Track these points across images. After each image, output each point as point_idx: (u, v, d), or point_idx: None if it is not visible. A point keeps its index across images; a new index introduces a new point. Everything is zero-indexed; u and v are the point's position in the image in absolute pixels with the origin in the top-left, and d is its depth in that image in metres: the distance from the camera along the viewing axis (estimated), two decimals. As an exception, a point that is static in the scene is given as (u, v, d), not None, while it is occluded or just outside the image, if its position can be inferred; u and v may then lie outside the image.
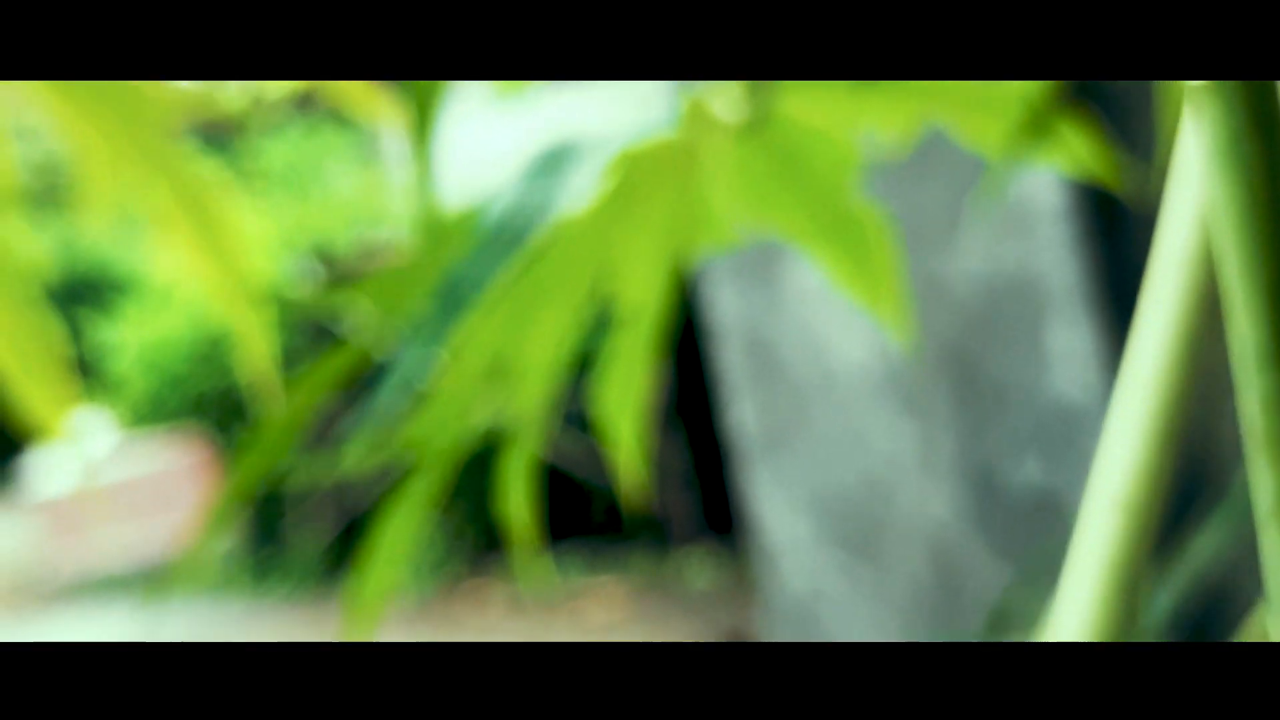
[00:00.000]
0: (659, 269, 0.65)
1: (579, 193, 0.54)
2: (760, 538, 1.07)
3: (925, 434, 0.97)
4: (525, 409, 0.68)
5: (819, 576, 1.03)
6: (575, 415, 3.01)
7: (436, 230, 0.60)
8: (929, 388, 0.98)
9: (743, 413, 1.06)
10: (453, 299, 0.65)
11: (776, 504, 1.03)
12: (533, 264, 0.60)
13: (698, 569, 3.06)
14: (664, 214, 0.59)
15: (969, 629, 1.01)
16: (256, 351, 0.63)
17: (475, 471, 3.19)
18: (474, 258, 0.57)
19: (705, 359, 1.27)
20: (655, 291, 0.65)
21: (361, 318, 0.72)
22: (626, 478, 0.84)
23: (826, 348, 0.99)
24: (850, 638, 1.03)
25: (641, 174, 0.55)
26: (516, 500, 0.77)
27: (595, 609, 2.86)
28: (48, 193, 4.68)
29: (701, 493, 3.11)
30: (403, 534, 0.71)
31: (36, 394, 0.59)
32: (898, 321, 0.63)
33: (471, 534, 3.18)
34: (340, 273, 3.46)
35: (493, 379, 0.67)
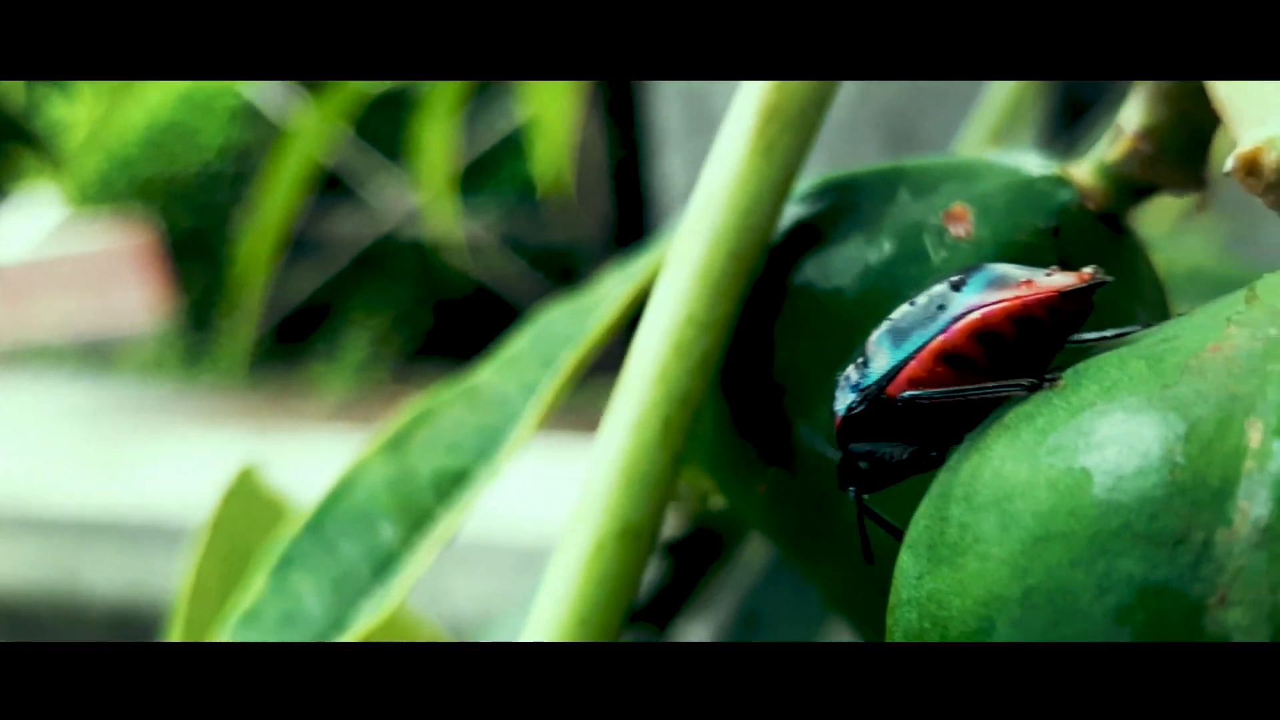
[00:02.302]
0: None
1: None
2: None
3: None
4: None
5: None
6: (510, 237, 3.03)
7: None
8: (860, 146, 1.01)
9: (671, 166, 1.08)
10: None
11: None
12: None
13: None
14: None
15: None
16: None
17: (400, 278, 3.21)
18: None
19: (638, 113, 1.29)
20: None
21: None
22: (547, 168, 0.86)
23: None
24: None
25: None
26: (432, 149, 0.79)
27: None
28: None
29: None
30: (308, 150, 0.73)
31: None
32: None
33: (397, 341, 3.21)
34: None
35: None
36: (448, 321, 3.16)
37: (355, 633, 0.27)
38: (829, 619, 0.43)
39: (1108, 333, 0.19)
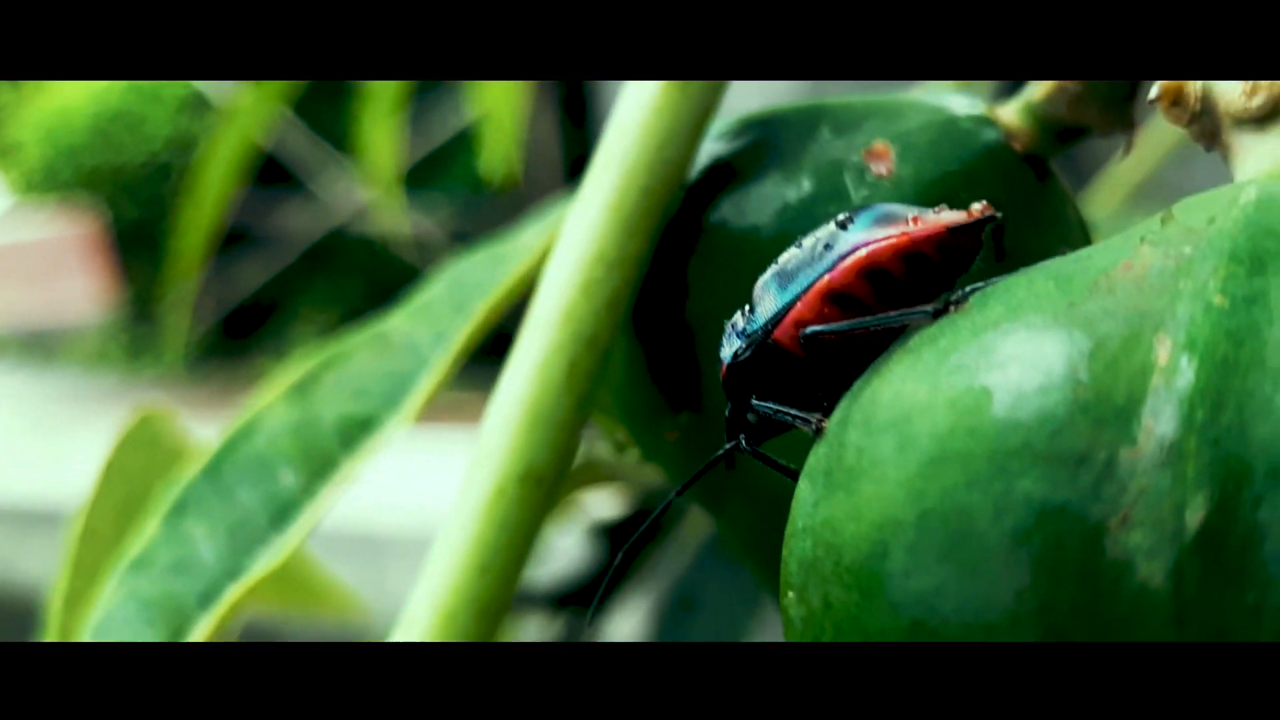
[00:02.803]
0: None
1: None
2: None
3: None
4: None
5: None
6: (461, 234, 3.02)
7: None
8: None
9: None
10: None
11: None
12: None
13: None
14: None
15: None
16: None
17: (350, 274, 3.19)
18: None
19: (592, 109, 1.29)
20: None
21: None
22: (498, 164, 0.85)
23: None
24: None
25: None
26: (379, 143, 0.78)
27: (453, 417, 2.88)
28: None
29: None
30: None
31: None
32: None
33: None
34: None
35: None
36: (396, 318, 3.14)
37: (249, 581, 0.26)
38: (764, 602, 0.42)
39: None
